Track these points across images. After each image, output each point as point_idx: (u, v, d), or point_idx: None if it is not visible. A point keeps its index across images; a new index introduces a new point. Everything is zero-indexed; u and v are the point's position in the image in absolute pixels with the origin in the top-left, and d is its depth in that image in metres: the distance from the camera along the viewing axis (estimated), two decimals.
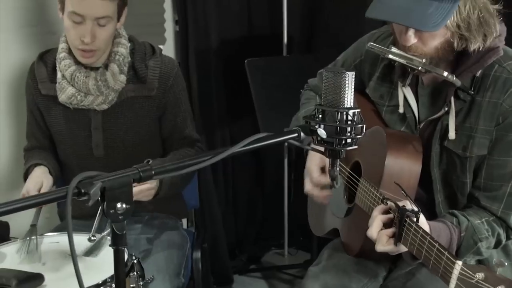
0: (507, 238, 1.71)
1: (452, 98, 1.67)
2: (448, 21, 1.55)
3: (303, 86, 2.94)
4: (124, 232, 1.12)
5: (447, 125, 1.69)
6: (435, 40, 1.61)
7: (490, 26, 1.60)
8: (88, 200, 1.06)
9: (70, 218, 1.05)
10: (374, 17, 1.63)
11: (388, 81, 1.86)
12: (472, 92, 1.65)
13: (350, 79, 1.34)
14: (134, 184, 1.94)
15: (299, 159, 3.18)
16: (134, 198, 1.95)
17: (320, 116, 1.36)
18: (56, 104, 2.19)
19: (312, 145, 1.42)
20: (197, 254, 2.33)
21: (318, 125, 1.34)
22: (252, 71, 2.93)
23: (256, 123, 3.38)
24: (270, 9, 3.35)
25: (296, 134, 1.35)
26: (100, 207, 1.85)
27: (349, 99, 1.34)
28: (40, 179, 2.10)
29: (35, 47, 2.68)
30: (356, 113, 1.34)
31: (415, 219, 1.47)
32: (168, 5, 3.14)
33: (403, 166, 1.72)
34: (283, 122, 2.86)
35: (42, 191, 2.05)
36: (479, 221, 1.65)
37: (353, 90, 1.35)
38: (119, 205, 1.10)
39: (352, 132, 1.34)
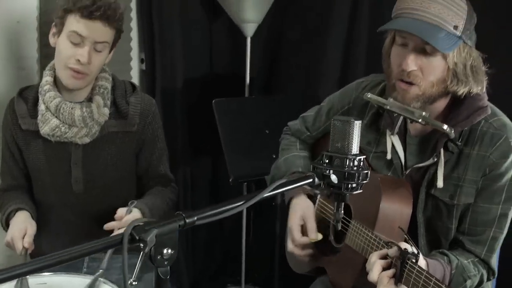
0: (488, 279, 1.85)
1: (442, 151, 1.79)
2: (450, 55, 1.69)
3: (267, 127, 3.05)
4: (168, 277, 1.15)
5: (435, 174, 1.81)
6: (434, 72, 1.72)
7: (480, 76, 1.76)
8: (145, 247, 1.08)
9: (126, 265, 1.07)
10: (390, 29, 1.76)
11: (375, 128, 1.96)
12: (460, 144, 1.78)
13: (357, 127, 1.43)
14: (120, 224, 1.99)
15: None
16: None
17: (327, 161, 1.44)
18: (36, 138, 2.19)
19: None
20: None
21: (328, 170, 1.42)
22: (219, 111, 3.00)
23: (217, 162, 3.46)
24: (232, 51, 3.46)
25: (311, 180, 1.43)
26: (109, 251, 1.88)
27: (356, 146, 1.43)
28: (24, 225, 2.08)
29: (3, 80, 2.66)
30: (362, 160, 1.43)
31: (415, 261, 1.57)
32: (134, 44, 3.19)
33: (395, 209, 1.82)
34: (250, 161, 2.96)
35: (27, 238, 2.04)
36: (466, 261, 1.78)
37: (359, 137, 1.44)
38: (165, 250, 1.13)
39: (360, 178, 1.43)
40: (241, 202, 1.25)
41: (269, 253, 3.27)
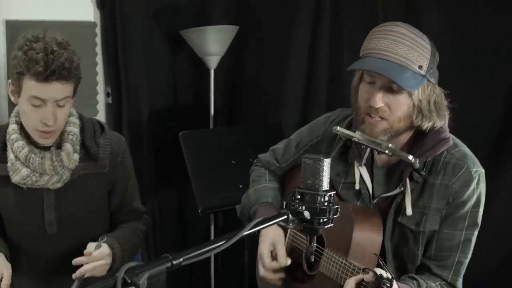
0: None
1: (407, 180, 1.89)
2: (415, 92, 1.79)
3: (233, 157, 3.11)
4: None
5: (401, 202, 1.90)
6: (401, 109, 1.82)
7: (443, 111, 1.86)
8: None
9: None
10: (358, 69, 1.86)
11: (344, 160, 2.05)
12: (424, 174, 1.88)
13: (327, 165, 1.51)
14: (89, 259, 2.00)
15: (225, 227, 3.32)
16: (89, 274, 2.02)
17: (299, 197, 1.52)
18: (7, 184, 2.15)
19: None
20: None
21: (300, 207, 1.50)
22: (186, 143, 3.05)
23: (184, 193, 3.51)
24: (196, 83, 3.53)
25: (286, 217, 1.50)
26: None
27: (326, 182, 1.51)
28: (0, 269, 2.05)
29: None
30: (332, 196, 1.52)
31: (389, 285, 1.66)
32: (100, 78, 3.23)
33: (367, 238, 1.90)
34: (217, 192, 3.02)
35: (5, 280, 2.02)
36: (434, 284, 1.87)
37: (329, 174, 1.52)
38: None
39: (331, 213, 1.51)
40: (223, 241, 1.31)
41: (238, 282, 3.31)
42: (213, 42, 3.24)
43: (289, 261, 2.05)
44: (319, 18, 3.31)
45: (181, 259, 1.24)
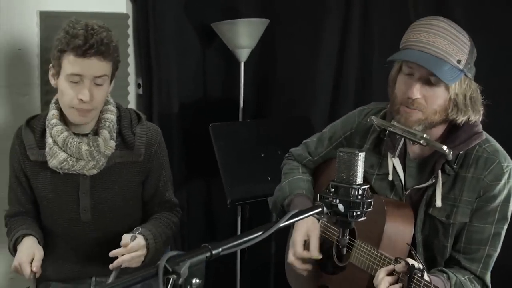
0: None
1: (439, 172, 1.90)
2: (452, 86, 1.82)
3: (262, 150, 3.14)
4: None
5: (433, 194, 1.93)
6: (437, 102, 1.85)
7: (478, 106, 1.90)
8: (178, 279, 1.15)
9: None
10: (398, 59, 1.89)
11: (377, 152, 2.08)
12: (456, 167, 1.90)
13: (361, 159, 1.53)
14: (126, 250, 2.05)
15: (252, 219, 3.35)
16: (125, 265, 2.06)
17: (333, 190, 1.54)
18: (44, 169, 2.22)
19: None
20: None
21: (334, 200, 1.52)
22: (216, 135, 3.08)
23: (211, 184, 3.54)
24: (226, 76, 3.56)
25: (320, 209, 1.52)
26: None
27: (360, 176, 1.54)
28: (32, 251, 2.11)
29: (6, 107, 2.72)
30: (366, 189, 1.54)
31: (421, 275, 1.68)
32: (131, 69, 3.27)
33: (398, 230, 1.94)
34: (246, 184, 3.04)
35: (35, 262, 2.08)
36: (463, 278, 1.89)
37: (363, 168, 1.54)
38: (194, 280, 1.21)
39: (364, 206, 1.52)
40: (260, 232, 1.34)
41: (265, 273, 3.34)
42: (244, 35, 3.26)
43: (320, 256, 2.08)
44: (349, 15, 3.32)
45: (220, 249, 1.27)
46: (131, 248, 2.09)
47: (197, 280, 1.21)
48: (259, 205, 3.22)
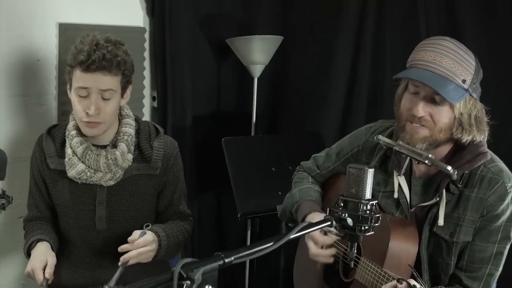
0: None
1: (444, 191, 1.94)
2: (457, 105, 1.85)
3: (273, 165, 3.18)
4: None
5: (437, 213, 1.96)
6: (442, 120, 1.88)
7: (483, 126, 1.92)
8: (192, 284, 1.19)
9: None
10: (403, 77, 1.93)
11: (384, 170, 2.11)
12: (461, 186, 1.93)
13: (371, 175, 1.57)
14: (133, 246, 2.08)
15: (261, 233, 3.38)
16: (134, 261, 2.10)
17: (342, 205, 1.58)
18: (63, 178, 2.28)
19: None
20: None
21: (343, 214, 1.56)
22: (228, 149, 3.12)
23: (221, 198, 3.58)
24: (239, 91, 3.62)
25: (329, 223, 1.56)
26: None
27: (369, 191, 1.57)
28: (45, 257, 2.16)
29: (23, 116, 2.78)
30: (374, 204, 1.57)
31: None
32: (147, 82, 3.33)
33: (403, 248, 1.96)
34: (257, 198, 3.08)
35: (48, 269, 2.12)
36: None
37: (372, 184, 1.57)
38: (207, 287, 1.25)
39: (372, 221, 1.56)
40: (271, 243, 1.38)
41: (274, 286, 3.36)
42: (258, 51, 3.31)
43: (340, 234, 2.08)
44: (362, 33, 3.36)
45: (233, 258, 1.31)
46: (138, 244, 2.13)
47: (210, 287, 1.24)
48: (269, 219, 3.25)
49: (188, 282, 1.20)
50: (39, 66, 2.86)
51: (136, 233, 2.16)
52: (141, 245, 2.13)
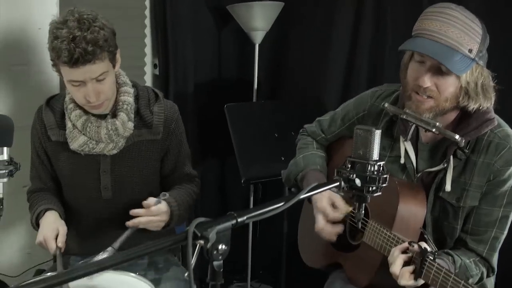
0: (487, 276, 2.01)
1: (451, 157, 1.95)
2: (463, 75, 1.85)
3: (276, 131, 3.19)
4: (221, 270, 1.29)
5: (443, 178, 1.97)
6: (448, 89, 1.88)
7: (490, 93, 1.92)
8: (206, 243, 1.21)
9: (191, 261, 1.19)
10: (408, 49, 1.91)
11: (390, 134, 2.11)
12: (468, 152, 1.94)
13: (378, 136, 1.58)
14: (146, 212, 2.10)
15: (264, 198, 3.41)
16: (142, 227, 2.12)
17: (350, 166, 1.59)
18: (65, 149, 2.26)
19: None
20: None
21: (352, 174, 1.57)
22: (231, 115, 3.13)
23: (224, 164, 3.59)
24: (240, 57, 3.62)
25: (338, 183, 1.57)
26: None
27: (376, 152, 1.58)
28: (56, 225, 2.15)
29: (25, 85, 2.77)
30: (382, 165, 1.58)
31: (433, 258, 1.73)
32: (148, 50, 3.32)
33: (411, 211, 1.98)
34: (260, 163, 3.10)
35: (60, 237, 2.12)
36: (468, 261, 1.94)
37: (379, 145, 1.59)
38: (220, 246, 1.27)
39: (380, 181, 1.58)
40: (282, 203, 1.40)
41: (277, 251, 3.40)
42: (259, 18, 3.30)
43: (350, 208, 2.10)
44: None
45: (245, 217, 1.32)
46: (151, 212, 2.13)
47: (223, 246, 1.26)
48: (272, 185, 3.28)
49: (202, 241, 1.21)
50: (40, 34, 2.83)
51: (152, 199, 2.16)
52: (154, 213, 2.14)
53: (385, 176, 1.57)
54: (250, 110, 3.28)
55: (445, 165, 1.96)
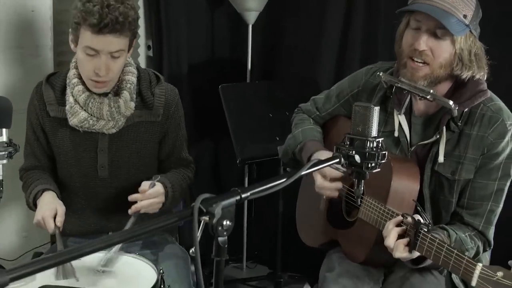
0: (484, 250, 2.04)
1: (444, 128, 1.98)
2: (458, 40, 1.90)
3: (271, 111, 3.20)
4: (226, 245, 1.31)
5: (438, 151, 2.00)
6: (443, 55, 1.92)
7: (482, 63, 1.96)
8: (212, 219, 1.23)
9: (197, 239, 1.22)
10: (406, 9, 1.96)
11: (383, 109, 2.13)
12: (461, 124, 1.97)
13: (376, 112, 1.60)
14: (144, 196, 2.11)
15: (258, 178, 3.43)
16: (143, 211, 2.13)
17: (349, 143, 1.61)
18: (63, 126, 2.26)
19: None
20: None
21: (351, 151, 1.59)
22: (226, 96, 3.14)
23: (219, 145, 3.61)
24: (234, 38, 3.61)
25: (338, 160, 1.59)
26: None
27: (375, 129, 1.61)
28: (54, 206, 2.15)
29: (20, 68, 2.77)
30: (380, 142, 1.61)
31: (427, 230, 1.76)
32: (141, 31, 3.31)
33: (405, 186, 2.00)
34: (255, 143, 3.11)
35: (59, 217, 2.12)
36: (464, 235, 1.96)
37: (378, 121, 1.61)
38: (225, 222, 1.28)
39: (379, 158, 1.60)
40: (284, 179, 1.41)
41: (272, 231, 3.43)
42: None
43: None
44: None
45: (249, 193, 1.34)
46: (149, 195, 2.15)
47: (228, 222, 1.28)
48: (267, 165, 3.30)
49: (206, 218, 1.23)
50: (33, 17, 2.83)
51: (146, 183, 2.17)
52: (152, 195, 2.15)
53: (384, 152, 1.60)
54: (244, 91, 3.29)
55: (438, 136, 1.99)
